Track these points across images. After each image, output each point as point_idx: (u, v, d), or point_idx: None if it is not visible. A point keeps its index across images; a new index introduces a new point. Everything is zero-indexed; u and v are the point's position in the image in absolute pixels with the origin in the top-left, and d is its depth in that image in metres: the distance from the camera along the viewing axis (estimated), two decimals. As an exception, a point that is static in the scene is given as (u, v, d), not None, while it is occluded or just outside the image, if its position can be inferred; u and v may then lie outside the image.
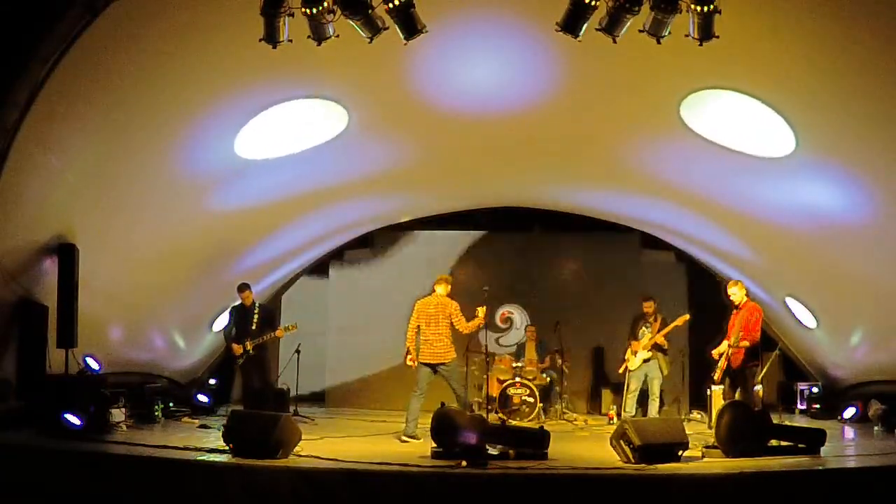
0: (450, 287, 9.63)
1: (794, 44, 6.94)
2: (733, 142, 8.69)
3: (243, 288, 10.60)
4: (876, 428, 10.10)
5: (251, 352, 10.38)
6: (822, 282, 10.65)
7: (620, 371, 11.11)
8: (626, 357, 10.93)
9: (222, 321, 12.11)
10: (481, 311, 9.40)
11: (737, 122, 8.35)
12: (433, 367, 9.39)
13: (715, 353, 9.13)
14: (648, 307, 10.91)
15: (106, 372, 9.45)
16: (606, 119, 9.20)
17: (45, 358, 8.63)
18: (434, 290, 9.64)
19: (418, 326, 9.49)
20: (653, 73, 7.79)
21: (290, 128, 9.04)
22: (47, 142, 7.41)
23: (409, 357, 9.51)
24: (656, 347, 10.68)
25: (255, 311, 10.50)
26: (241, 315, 10.56)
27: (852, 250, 9.33)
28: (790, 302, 11.61)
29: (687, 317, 10.80)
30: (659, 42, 6.36)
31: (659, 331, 10.64)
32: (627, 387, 10.80)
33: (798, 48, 6.98)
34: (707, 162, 9.42)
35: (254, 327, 10.39)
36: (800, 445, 7.82)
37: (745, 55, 7.14)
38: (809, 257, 10.32)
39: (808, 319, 11.48)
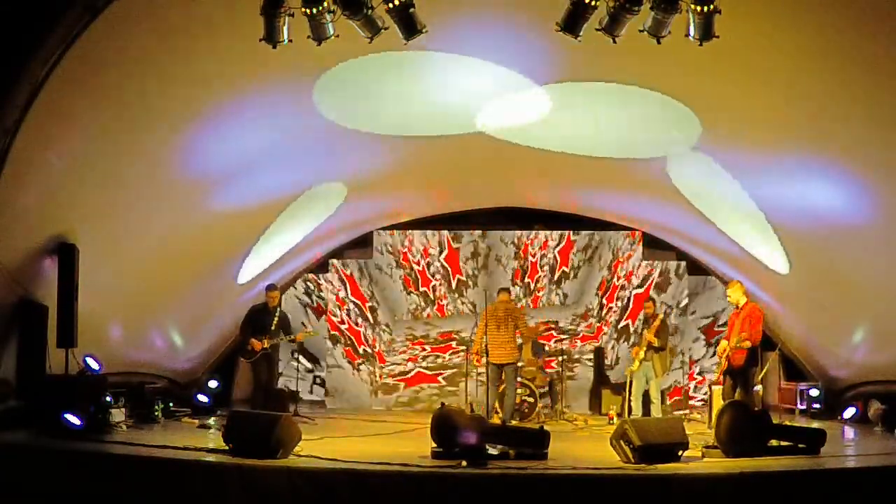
0: (511, 295, 10.95)
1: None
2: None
3: (271, 288, 11.02)
4: (876, 428, 10.10)
5: (268, 350, 10.65)
6: (822, 282, 10.64)
7: (626, 373, 11.15)
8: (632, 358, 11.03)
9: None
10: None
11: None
12: (500, 367, 10.42)
13: (718, 350, 9.14)
14: (647, 308, 10.95)
15: (106, 372, 9.44)
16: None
17: (45, 358, 8.62)
18: (499, 297, 10.77)
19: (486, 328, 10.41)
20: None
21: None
22: (47, 142, 7.41)
23: (476, 357, 10.60)
24: (649, 347, 10.69)
25: (276, 314, 10.84)
26: (262, 314, 10.86)
27: (853, 250, 9.32)
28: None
29: (660, 315, 10.97)
30: (659, 42, 6.37)
31: (656, 332, 10.66)
32: (629, 389, 10.81)
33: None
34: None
35: (273, 328, 10.72)
36: (800, 445, 7.81)
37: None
38: (809, 257, 10.32)
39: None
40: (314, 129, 9.33)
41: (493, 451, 7.48)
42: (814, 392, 11.88)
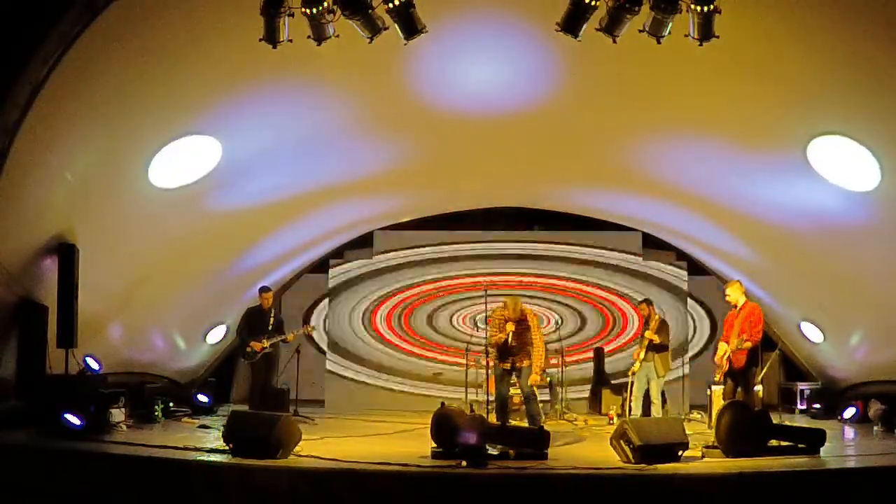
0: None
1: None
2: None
3: (265, 290, 11.16)
4: (876, 428, 10.09)
5: (269, 350, 10.79)
6: (822, 282, 10.64)
7: (629, 374, 11.07)
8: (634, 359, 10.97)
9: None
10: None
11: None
12: (511, 371, 9.55)
13: (717, 357, 9.07)
14: (643, 310, 10.94)
15: (106, 372, 9.44)
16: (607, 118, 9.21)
17: (45, 358, 8.62)
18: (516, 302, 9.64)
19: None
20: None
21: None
22: (47, 142, 7.41)
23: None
24: (650, 347, 10.63)
25: (272, 315, 11.01)
26: (258, 316, 11.01)
27: (853, 251, 9.31)
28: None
29: (658, 315, 10.83)
30: (659, 42, 6.36)
31: (656, 332, 10.62)
32: (630, 390, 10.78)
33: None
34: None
35: (270, 328, 10.89)
36: (800, 445, 7.80)
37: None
38: (810, 257, 10.32)
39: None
40: (313, 129, 9.33)
41: (493, 451, 7.48)
42: (814, 392, 11.90)
